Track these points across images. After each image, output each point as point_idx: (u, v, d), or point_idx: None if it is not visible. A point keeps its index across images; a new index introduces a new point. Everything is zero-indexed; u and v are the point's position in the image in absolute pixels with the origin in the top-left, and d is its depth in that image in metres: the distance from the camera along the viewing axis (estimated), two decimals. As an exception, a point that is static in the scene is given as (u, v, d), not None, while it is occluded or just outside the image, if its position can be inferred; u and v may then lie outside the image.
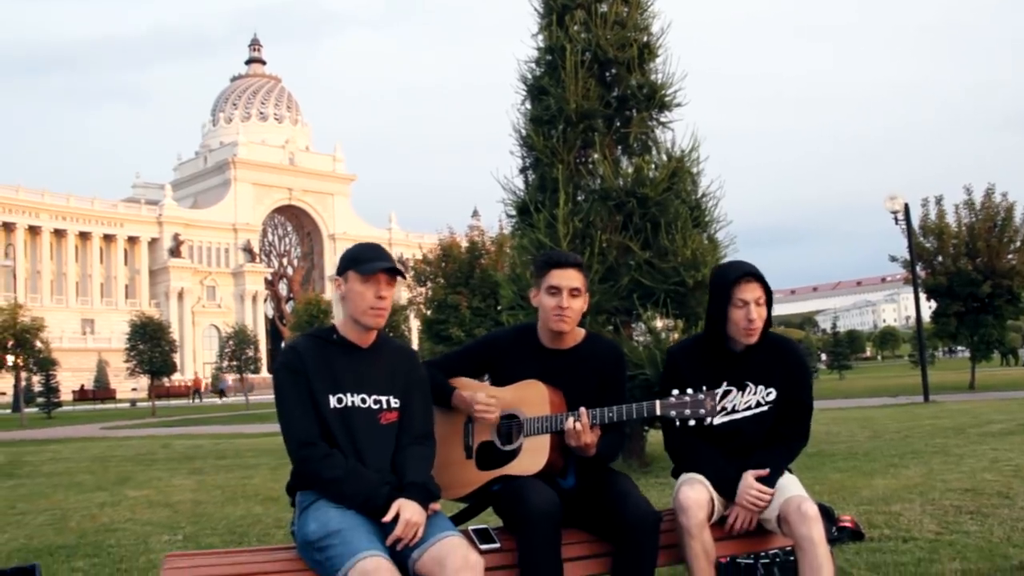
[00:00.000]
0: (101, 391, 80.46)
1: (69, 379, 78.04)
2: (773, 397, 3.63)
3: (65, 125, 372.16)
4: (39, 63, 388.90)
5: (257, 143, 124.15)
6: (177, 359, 57.87)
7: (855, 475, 8.76)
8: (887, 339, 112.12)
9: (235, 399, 63.67)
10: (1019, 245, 28.94)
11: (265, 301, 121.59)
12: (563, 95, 10.18)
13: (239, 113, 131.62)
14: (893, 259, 29.81)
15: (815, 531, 3.29)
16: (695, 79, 10.90)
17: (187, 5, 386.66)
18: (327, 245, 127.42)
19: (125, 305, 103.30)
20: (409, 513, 3.02)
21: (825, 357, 67.15)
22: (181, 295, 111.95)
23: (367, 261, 3.27)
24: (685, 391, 3.33)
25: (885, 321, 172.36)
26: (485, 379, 3.78)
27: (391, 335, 3.66)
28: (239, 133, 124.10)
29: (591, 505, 3.42)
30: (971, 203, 29.42)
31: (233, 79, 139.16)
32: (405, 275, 3.47)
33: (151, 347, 45.46)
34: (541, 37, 10.89)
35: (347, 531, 3.00)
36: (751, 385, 3.63)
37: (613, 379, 3.63)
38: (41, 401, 45.89)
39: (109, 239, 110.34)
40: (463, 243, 34.28)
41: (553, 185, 10.05)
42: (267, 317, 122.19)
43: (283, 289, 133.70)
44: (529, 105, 10.81)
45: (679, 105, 10.59)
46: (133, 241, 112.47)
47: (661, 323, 10.33)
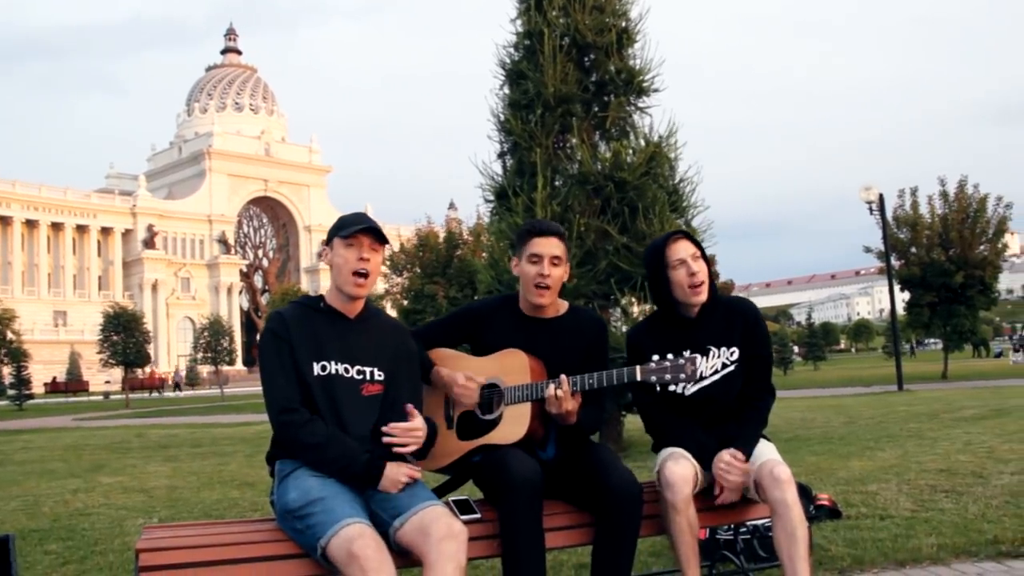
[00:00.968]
0: (74, 383, 79.69)
1: (41, 371, 77.32)
2: (737, 356, 3.63)
3: (38, 115, 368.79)
4: (12, 51, 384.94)
5: (232, 134, 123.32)
6: (152, 351, 57.46)
7: (831, 458, 8.81)
8: (861, 331, 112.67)
9: (210, 391, 63.35)
10: (991, 236, 29.19)
11: (240, 293, 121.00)
12: (541, 79, 10.16)
13: (214, 103, 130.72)
14: (868, 250, 30.01)
15: (788, 494, 3.29)
16: (674, 72, 10.93)
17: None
18: (303, 237, 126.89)
19: (98, 297, 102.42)
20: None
21: (799, 349, 67.50)
22: (155, 287, 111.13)
23: (349, 225, 3.26)
24: (665, 356, 3.32)
25: (859, 314, 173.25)
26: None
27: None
28: (214, 123, 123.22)
29: (573, 476, 3.41)
30: (945, 194, 29.64)
31: (209, 69, 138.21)
32: (388, 241, 3.36)
33: (125, 338, 45.02)
34: (520, 22, 10.86)
35: (329, 499, 2.97)
36: (713, 349, 3.63)
37: (596, 351, 3.63)
38: (12, 393, 45.39)
39: (82, 230, 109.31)
40: (440, 233, 34.17)
41: (531, 169, 10.03)
42: (242, 309, 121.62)
43: (258, 281, 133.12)
44: (507, 90, 10.78)
45: (657, 91, 10.62)
46: (106, 232, 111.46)
47: (638, 308, 10.34)
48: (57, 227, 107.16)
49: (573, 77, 10.24)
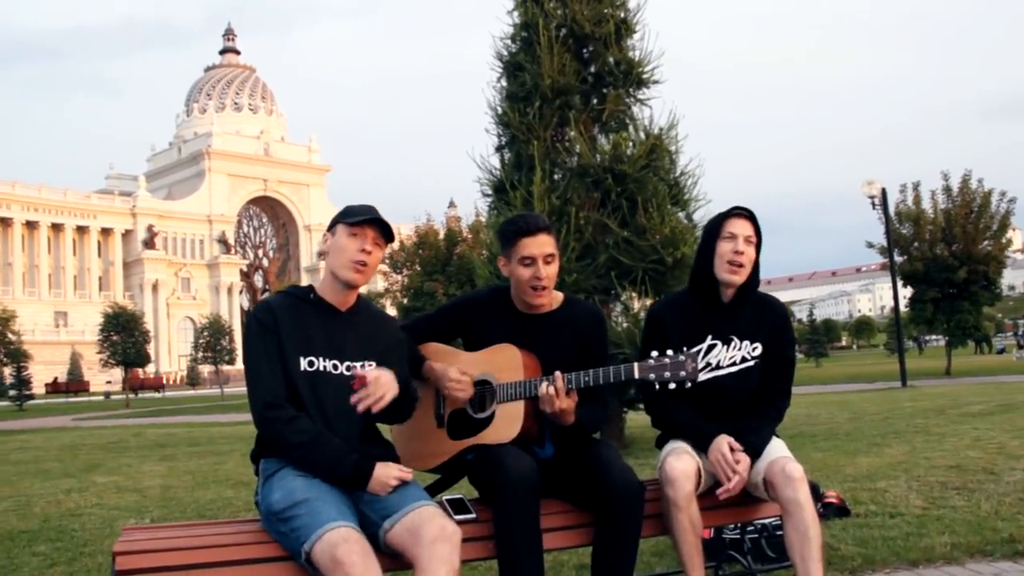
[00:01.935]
0: (75, 384, 79.67)
1: (42, 372, 77.51)
2: (759, 352, 3.48)
3: (37, 116, 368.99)
4: (10, 53, 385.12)
5: (231, 134, 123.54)
6: (152, 351, 57.41)
7: (837, 454, 8.65)
8: (862, 328, 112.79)
9: (211, 391, 63.25)
10: (995, 231, 29.02)
11: (241, 293, 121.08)
12: (539, 71, 10.00)
13: (213, 103, 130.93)
14: (870, 245, 29.80)
15: (801, 492, 3.14)
16: (674, 65, 10.78)
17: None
18: (303, 236, 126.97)
19: (99, 297, 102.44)
20: (379, 373, 2.97)
21: (801, 346, 67.40)
22: (156, 287, 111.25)
23: (357, 213, 3.11)
24: (664, 353, 3.15)
25: (860, 311, 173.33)
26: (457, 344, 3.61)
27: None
28: (213, 124, 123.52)
29: (571, 474, 3.24)
30: (948, 189, 29.49)
31: (207, 69, 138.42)
32: (394, 238, 3.21)
33: (124, 338, 44.97)
34: (516, 13, 10.70)
35: (313, 500, 2.81)
36: (736, 340, 3.47)
37: (593, 345, 3.44)
38: (12, 394, 45.36)
39: (82, 231, 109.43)
40: (440, 231, 34.08)
41: (529, 162, 9.87)
42: (243, 309, 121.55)
43: (259, 280, 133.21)
44: (505, 82, 10.62)
45: (656, 82, 10.44)
46: (107, 233, 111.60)
47: (639, 303, 10.18)
48: (57, 228, 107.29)
49: (571, 68, 10.07)
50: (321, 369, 3.04)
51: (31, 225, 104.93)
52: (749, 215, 3.47)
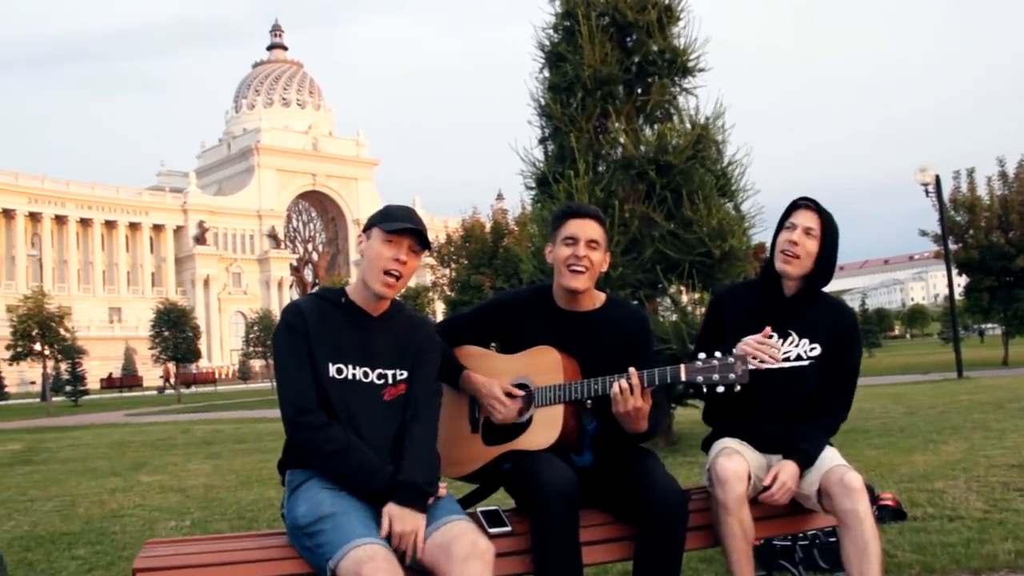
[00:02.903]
0: (128, 379, 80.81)
1: (97, 367, 78.70)
2: (817, 353, 3.31)
3: (90, 115, 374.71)
4: (65, 54, 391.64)
5: (280, 129, 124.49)
6: (203, 346, 58.03)
7: (892, 451, 8.39)
8: (916, 317, 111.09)
9: (262, 384, 63.86)
10: (1054, 217, 28.31)
11: (291, 287, 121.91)
12: (580, 61, 9.81)
13: (262, 99, 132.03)
14: (924, 233, 29.26)
15: (861, 504, 2.97)
16: (718, 54, 10.50)
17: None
18: (352, 230, 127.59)
19: (152, 293, 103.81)
20: (401, 525, 2.69)
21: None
22: (207, 282, 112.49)
23: (395, 219, 2.94)
24: (713, 355, 2.98)
25: (913, 299, 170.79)
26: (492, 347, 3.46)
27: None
28: (262, 119, 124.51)
29: (611, 484, 3.09)
30: (1004, 175, 28.85)
31: (255, 65, 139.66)
32: (431, 248, 3.06)
33: (175, 333, 45.49)
34: (558, 2, 10.50)
35: (340, 515, 2.69)
36: (795, 336, 3.33)
37: (638, 347, 3.28)
38: (68, 389, 46.10)
39: (135, 227, 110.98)
40: (487, 224, 34.03)
41: (572, 155, 9.67)
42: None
43: (308, 275, 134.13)
44: (547, 73, 10.44)
45: (702, 70, 10.21)
46: (159, 229, 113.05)
47: (687, 296, 9.96)
48: (111, 225, 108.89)
49: (613, 58, 9.86)
50: (350, 377, 2.92)
51: (85, 223, 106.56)
52: (815, 206, 3.33)
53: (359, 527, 2.65)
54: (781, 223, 3.36)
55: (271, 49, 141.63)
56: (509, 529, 2.97)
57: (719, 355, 2.98)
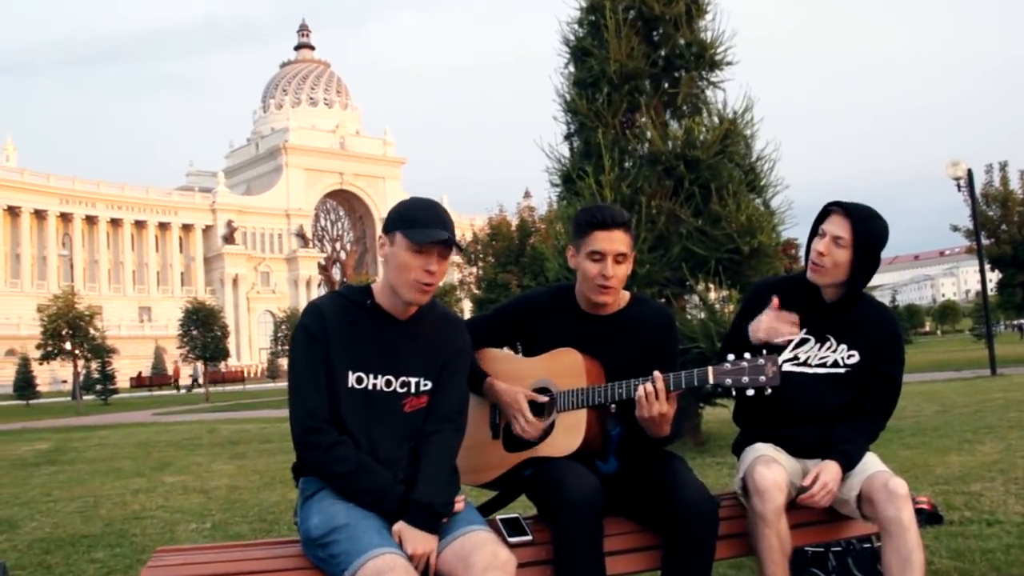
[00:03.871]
0: (158, 377, 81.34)
1: (128, 366, 79.35)
2: (855, 361, 3.14)
3: (120, 116, 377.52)
4: (95, 55, 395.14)
5: (308, 128, 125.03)
6: (232, 345, 58.25)
7: (926, 452, 8.20)
8: (947, 313, 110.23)
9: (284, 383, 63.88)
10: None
11: (319, 286, 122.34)
12: (606, 56, 9.64)
13: (289, 99, 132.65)
14: (955, 228, 28.94)
15: (905, 512, 2.82)
16: (746, 45, 10.30)
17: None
18: (379, 229, 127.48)
19: (181, 292, 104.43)
20: (412, 547, 2.55)
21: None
22: (236, 281, 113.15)
23: (422, 227, 2.69)
24: (742, 356, 2.84)
25: (944, 295, 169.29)
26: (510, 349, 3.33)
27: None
28: (290, 119, 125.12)
29: (638, 491, 2.95)
30: (1037, 169, 28.45)
31: (283, 65, 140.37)
32: (462, 247, 2.89)
33: (203, 332, 45.70)
34: (583, -5, 10.35)
35: (354, 525, 2.56)
36: (832, 341, 3.16)
37: (663, 348, 3.14)
38: (98, 388, 46.40)
39: (164, 227, 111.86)
40: (513, 221, 33.95)
41: (598, 151, 9.52)
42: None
43: (336, 273, 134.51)
44: (572, 68, 10.29)
45: (730, 64, 10.01)
46: (187, 229, 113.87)
47: (715, 294, 9.79)
48: (140, 225, 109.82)
49: (640, 52, 9.70)
50: (370, 387, 2.76)
51: (115, 223, 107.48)
52: (846, 211, 3.12)
53: (375, 536, 2.53)
54: (814, 228, 3.20)
55: (298, 49, 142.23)
56: (530, 538, 2.85)
57: (748, 356, 2.84)
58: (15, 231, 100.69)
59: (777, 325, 3.07)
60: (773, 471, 2.92)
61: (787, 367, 3.04)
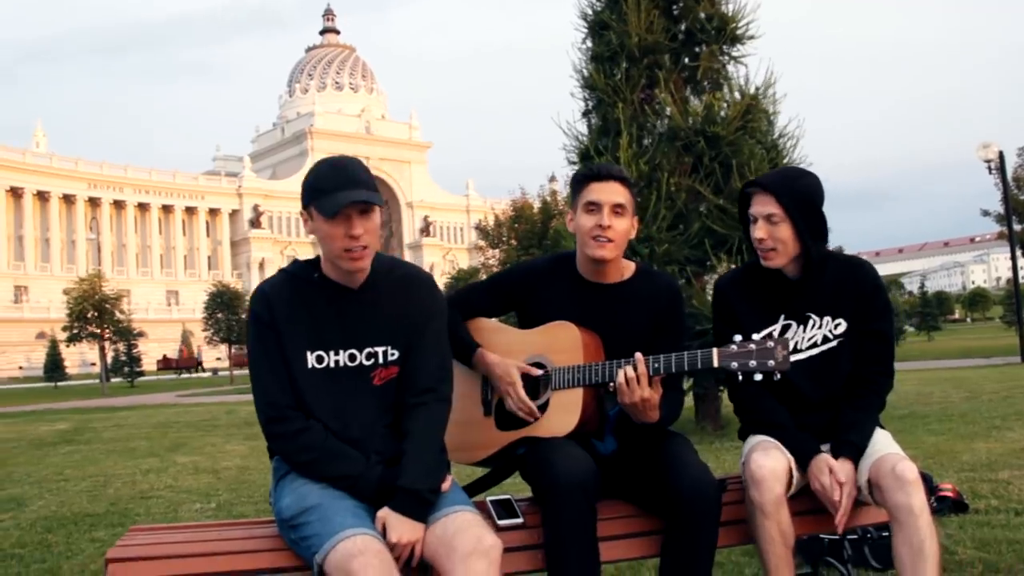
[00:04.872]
0: (185, 360, 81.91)
1: (155, 349, 79.87)
2: (844, 329, 2.90)
3: (148, 102, 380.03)
4: (124, 42, 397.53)
5: (333, 113, 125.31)
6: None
7: (952, 438, 7.95)
8: (977, 300, 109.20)
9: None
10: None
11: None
12: (625, 29, 9.43)
13: (315, 83, 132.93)
14: (986, 213, 28.58)
15: (915, 498, 2.58)
16: (770, 20, 10.03)
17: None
18: (405, 213, 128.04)
19: (208, 276, 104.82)
20: (398, 535, 2.37)
21: (912, 319, 65.55)
22: (262, 265, 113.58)
23: (330, 193, 2.46)
24: (750, 338, 2.62)
25: (974, 282, 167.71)
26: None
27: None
28: (315, 103, 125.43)
29: (637, 473, 2.76)
30: (1071, 152, 27.95)
31: (308, 50, 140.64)
32: (382, 202, 2.59)
33: (228, 315, 45.91)
34: (602, -31, 10.11)
35: (326, 506, 2.40)
36: (814, 317, 2.91)
37: (668, 324, 2.92)
38: (126, 371, 46.77)
39: (191, 211, 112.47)
40: (535, 204, 33.77)
41: (616, 127, 9.31)
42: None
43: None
44: (590, 42, 10.06)
45: (752, 38, 9.77)
46: (214, 213, 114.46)
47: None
48: (168, 209, 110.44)
49: (659, 26, 9.46)
50: (333, 365, 2.57)
51: (143, 207, 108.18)
52: (764, 187, 2.86)
53: (348, 517, 2.35)
54: (742, 216, 2.96)
55: (324, 33, 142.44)
56: (521, 521, 2.67)
57: (757, 338, 2.63)
58: (45, 216, 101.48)
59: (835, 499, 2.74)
60: (772, 459, 2.71)
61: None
